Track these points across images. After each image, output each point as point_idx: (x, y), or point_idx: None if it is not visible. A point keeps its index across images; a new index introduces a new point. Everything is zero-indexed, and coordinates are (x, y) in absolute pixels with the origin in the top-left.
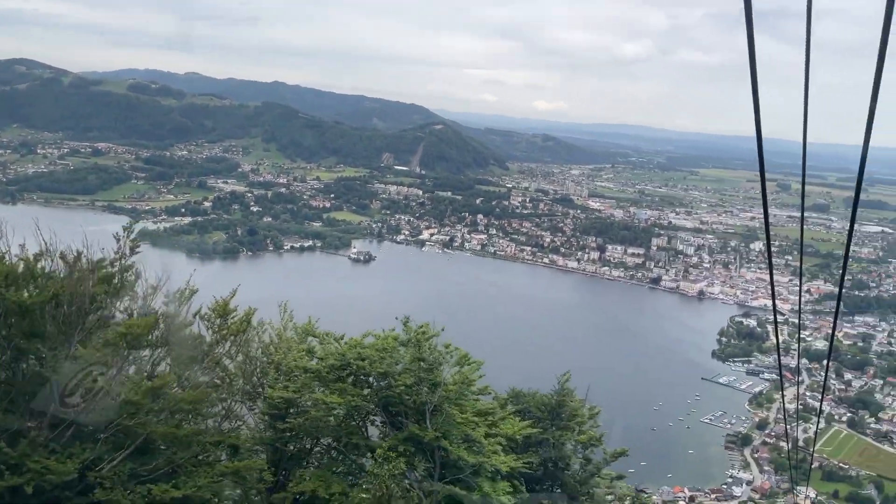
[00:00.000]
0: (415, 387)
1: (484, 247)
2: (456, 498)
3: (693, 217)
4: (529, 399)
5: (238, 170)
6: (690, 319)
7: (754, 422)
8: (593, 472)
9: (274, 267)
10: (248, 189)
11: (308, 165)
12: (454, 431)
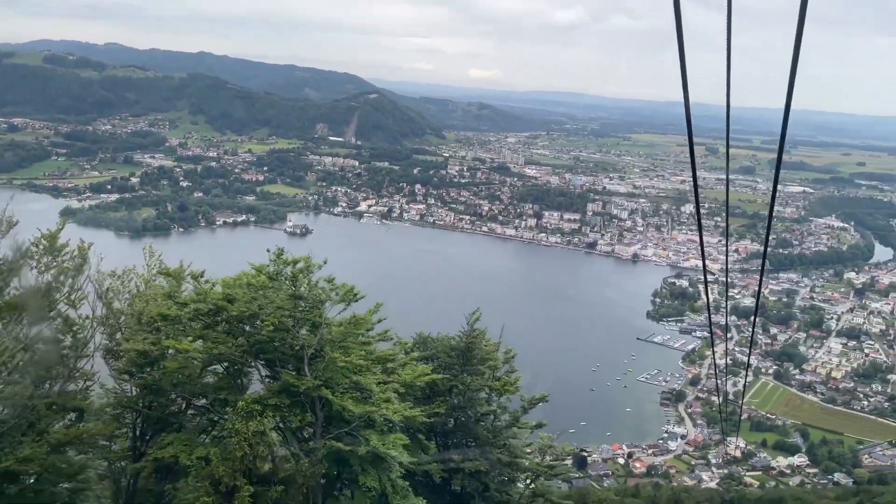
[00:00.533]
0: (292, 330)
1: (423, 217)
2: (342, 455)
3: (626, 182)
4: (437, 344)
5: (165, 144)
6: (625, 282)
7: (687, 378)
8: (510, 421)
9: (206, 242)
10: (177, 163)
11: (239, 138)
12: (339, 379)
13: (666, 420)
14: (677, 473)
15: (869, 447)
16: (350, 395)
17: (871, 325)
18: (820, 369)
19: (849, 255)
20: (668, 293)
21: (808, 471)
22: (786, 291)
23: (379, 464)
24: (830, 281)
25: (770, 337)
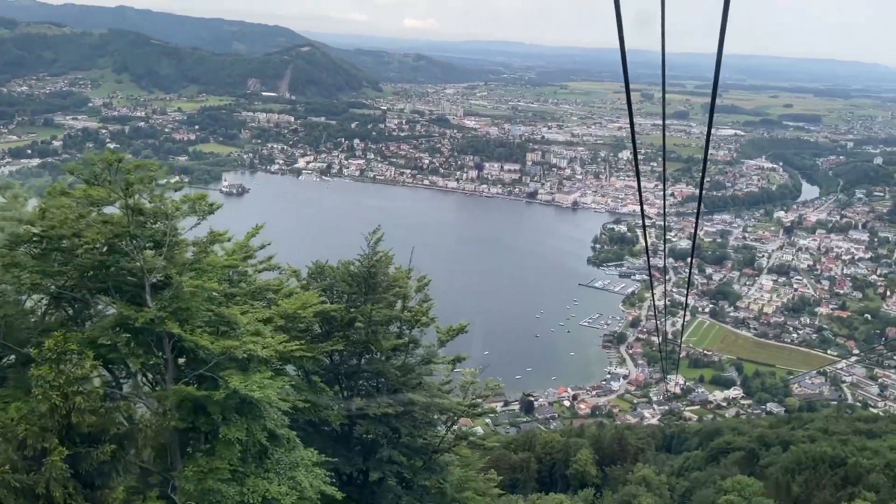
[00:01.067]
0: (131, 252)
1: (363, 172)
2: (200, 403)
3: (565, 130)
4: (335, 272)
5: (89, 104)
6: (566, 230)
7: (628, 321)
8: (425, 357)
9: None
10: (103, 125)
11: (167, 96)
12: (194, 310)
13: (608, 362)
14: (620, 412)
15: (798, 377)
16: (208, 330)
17: (799, 262)
18: (753, 306)
19: (778, 195)
20: (608, 239)
21: (742, 402)
22: (720, 232)
23: (249, 411)
24: (761, 220)
25: (706, 277)
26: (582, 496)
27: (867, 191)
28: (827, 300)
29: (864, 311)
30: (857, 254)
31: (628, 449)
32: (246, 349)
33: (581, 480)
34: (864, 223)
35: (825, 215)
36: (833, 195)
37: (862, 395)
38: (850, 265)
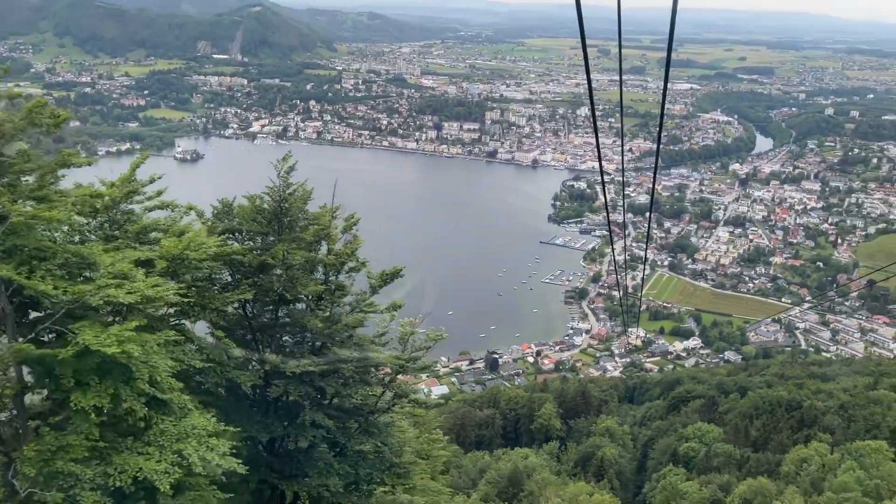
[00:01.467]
0: None
1: (320, 134)
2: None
3: (523, 88)
4: (243, 210)
5: (30, 70)
6: (526, 188)
7: (589, 276)
8: (354, 305)
9: (89, 176)
10: (46, 91)
11: (114, 60)
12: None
13: (571, 317)
14: (584, 366)
15: (755, 325)
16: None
17: (754, 213)
18: (710, 257)
19: (733, 148)
20: (568, 196)
21: (701, 352)
22: (677, 186)
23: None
24: (717, 173)
25: (664, 231)
26: (547, 449)
27: (819, 141)
28: (781, 250)
29: (816, 259)
30: (810, 203)
31: (591, 401)
32: (103, 295)
33: (546, 434)
34: (815, 173)
35: (779, 167)
36: (786, 147)
37: (815, 341)
38: (803, 215)
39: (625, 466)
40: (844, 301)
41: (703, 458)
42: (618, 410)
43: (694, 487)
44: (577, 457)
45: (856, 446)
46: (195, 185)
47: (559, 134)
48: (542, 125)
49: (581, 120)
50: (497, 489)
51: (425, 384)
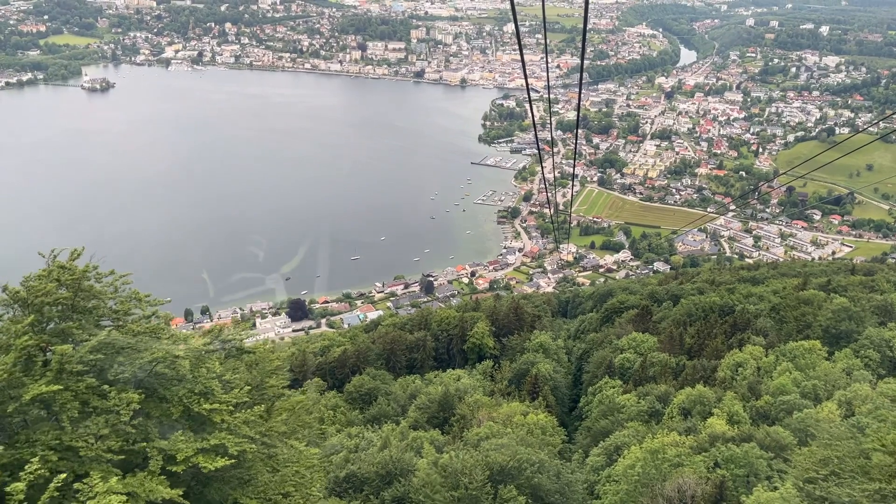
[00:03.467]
0: None
1: (238, 59)
2: None
3: (448, 5)
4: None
5: None
6: (455, 108)
7: (520, 195)
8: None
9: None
10: None
11: None
12: None
13: (504, 237)
14: (517, 284)
15: (681, 235)
16: None
17: (679, 126)
18: (638, 171)
19: (659, 61)
20: (497, 115)
21: (631, 264)
22: (605, 102)
23: None
24: (644, 87)
25: (593, 147)
26: (480, 369)
27: (740, 52)
28: (706, 161)
29: (739, 168)
30: (733, 114)
31: (524, 318)
32: None
33: (479, 354)
34: (738, 84)
35: (702, 78)
36: (709, 58)
37: (739, 248)
38: (726, 126)
39: (560, 381)
40: (765, 208)
41: (640, 369)
42: (551, 325)
43: (632, 400)
44: (511, 375)
45: (790, 347)
46: (107, 117)
47: (486, 52)
48: (469, 43)
49: (508, 37)
50: (427, 415)
51: (360, 310)
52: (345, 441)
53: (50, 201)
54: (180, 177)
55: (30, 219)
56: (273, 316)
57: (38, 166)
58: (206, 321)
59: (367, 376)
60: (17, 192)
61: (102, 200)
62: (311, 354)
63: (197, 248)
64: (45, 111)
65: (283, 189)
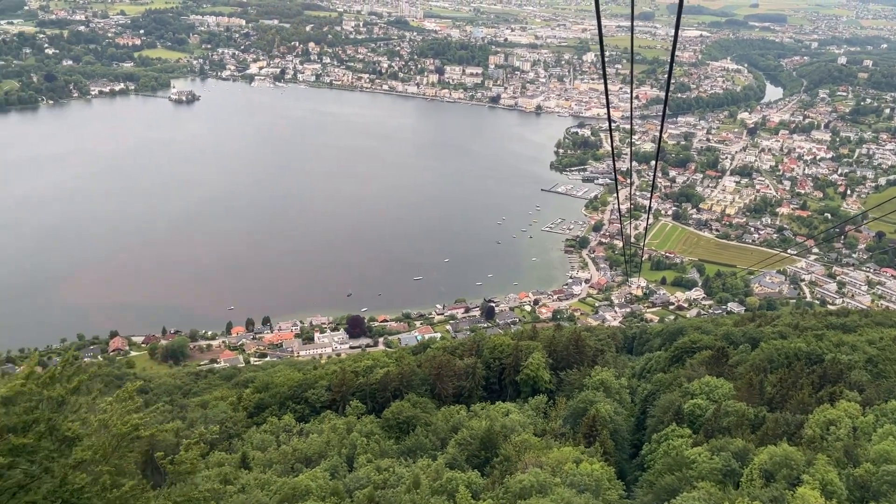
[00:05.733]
0: None
1: (318, 77)
2: None
3: (528, 32)
4: None
5: (24, 8)
6: (529, 134)
7: (590, 225)
8: None
9: (82, 115)
10: (39, 29)
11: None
12: None
13: (570, 266)
14: (582, 316)
15: (759, 276)
16: None
17: (761, 163)
18: (715, 207)
19: (742, 96)
20: (571, 143)
21: (704, 303)
22: (684, 135)
23: None
24: (725, 122)
25: (669, 180)
26: (532, 404)
27: (830, 91)
28: (788, 200)
29: (824, 210)
30: (819, 154)
31: (586, 351)
32: None
33: (533, 387)
34: (826, 123)
35: (788, 116)
36: (796, 95)
37: (820, 293)
38: (812, 165)
39: (621, 425)
40: (851, 253)
41: (712, 418)
42: (615, 362)
43: (703, 455)
44: (566, 413)
45: (892, 406)
46: (190, 128)
47: (564, 80)
48: (547, 71)
49: (587, 66)
50: (468, 452)
51: (419, 331)
52: (372, 474)
53: (129, 207)
54: (252, 188)
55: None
56: (332, 331)
57: (120, 172)
58: (266, 332)
59: (408, 403)
60: (98, 197)
61: (175, 208)
62: (351, 374)
63: (261, 258)
64: (133, 120)
65: (349, 205)
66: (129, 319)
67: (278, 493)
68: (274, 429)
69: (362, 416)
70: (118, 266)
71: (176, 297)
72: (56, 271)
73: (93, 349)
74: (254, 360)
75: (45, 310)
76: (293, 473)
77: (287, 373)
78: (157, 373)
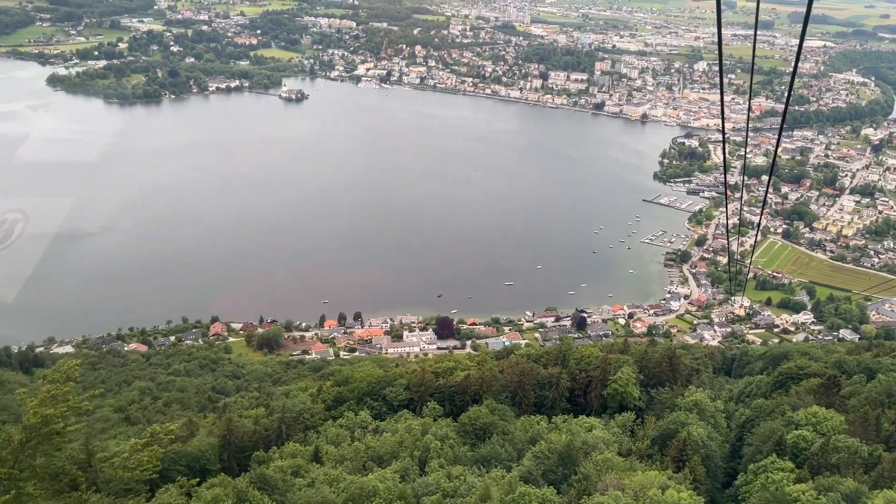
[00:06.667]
0: None
1: (423, 80)
2: None
3: (637, 40)
4: None
5: (154, 7)
6: (633, 143)
7: (693, 239)
8: None
9: (200, 110)
10: (167, 28)
11: None
12: None
13: (669, 281)
14: (679, 332)
15: (877, 303)
16: None
17: (886, 182)
18: (831, 227)
19: (867, 111)
20: (677, 153)
21: (813, 328)
22: (800, 149)
23: None
24: (847, 138)
25: (781, 196)
26: (619, 421)
27: None
28: None
29: None
30: None
31: (680, 369)
32: None
33: (620, 403)
34: None
35: None
36: None
37: None
38: None
39: (714, 451)
40: None
41: (819, 452)
42: (711, 383)
43: (808, 494)
44: (655, 433)
45: None
46: (297, 125)
47: (673, 89)
48: (656, 79)
49: (698, 75)
50: (544, 467)
51: (507, 337)
52: (442, 481)
53: (237, 199)
54: (353, 186)
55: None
56: (420, 331)
57: (231, 166)
58: (356, 327)
59: (487, 409)
60: (210, 188)
61: (281, 202)
62: (431, 374)
63: (357, 254)
64: (245, 116)
65: (445, 207)
66: (228, 306)
67: (345, 492)
68: (350, 424)
69: (439, 418)
70: (224, 254)
71: (274, 287)
72: (168, 255)
73: (194, 332)
74: (343, 354)
75: (156, 291)
76: (364, 472)
77: (367, 368)
78: (251, 360)
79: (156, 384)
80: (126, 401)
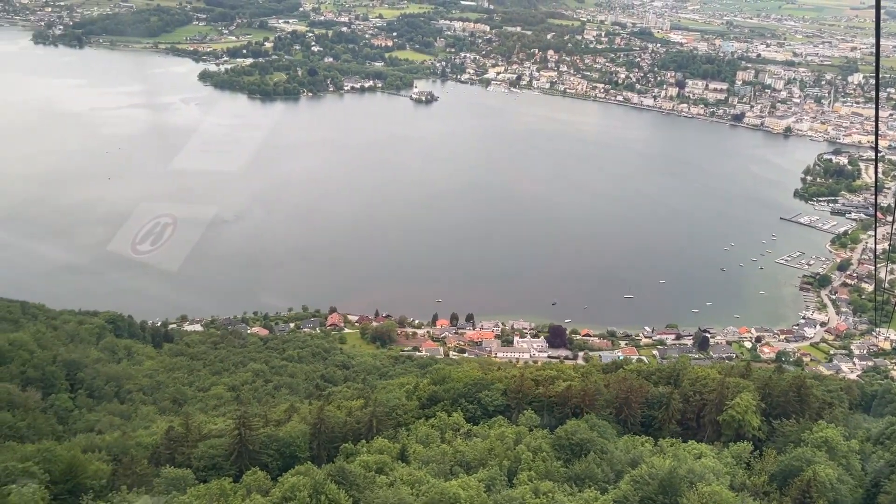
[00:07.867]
0: None
1: (553, 85)
2: None
3: (785, 49)
4: None
5: (300, 9)
6: (773, 157)
7: (835, 262)
8: None
9: (334, 108)
10: (309, 29)
11: (371, 2)
12: None
13: (805, 305)
14: (812, 362)
15: None
16: None
17: None
18: None
19: None
20: (822, 171)
21: None
22: None
23: None
24: None
25: None
26: (733, 450)
27: None
28: None
29: None
30: None
31: (810, 401)
32: None
33: (737, 431)
34: None
35: None
36: None
37: None
38: None
39: (844, 496)
40: None
41: None
42: (846, 420)
43: None
44: (774, 469)
45: None
46: (425, 126)
47: (822, 102)
48: (803, 91)
49: (851, 88)
50: (642, 494)
51: (622, 351)
52: (528, 497)
53: (365, 196)
54: (477, 188)
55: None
56: (532, 337)
57: (361, 163)
58: (468, 328)
59: (586, 423)
60: (340, 183)
61: (406, 200)
62: (531, 382)
63: (474, 255)
64: (377, 116)
65: (567, 213)
66: (346, 297)
67: (425, 496)
68: (441, 424)
69: (534, 428)
70: (346, 247)
71: (392, 283)
72: (294, 245)
73: (312, 321)
74: (452, 354)
75: (281, 279)
76: (448, 476)
77: (466, 369)
78: (362, 352)
79: (269, 367)
80: (240, 381)
